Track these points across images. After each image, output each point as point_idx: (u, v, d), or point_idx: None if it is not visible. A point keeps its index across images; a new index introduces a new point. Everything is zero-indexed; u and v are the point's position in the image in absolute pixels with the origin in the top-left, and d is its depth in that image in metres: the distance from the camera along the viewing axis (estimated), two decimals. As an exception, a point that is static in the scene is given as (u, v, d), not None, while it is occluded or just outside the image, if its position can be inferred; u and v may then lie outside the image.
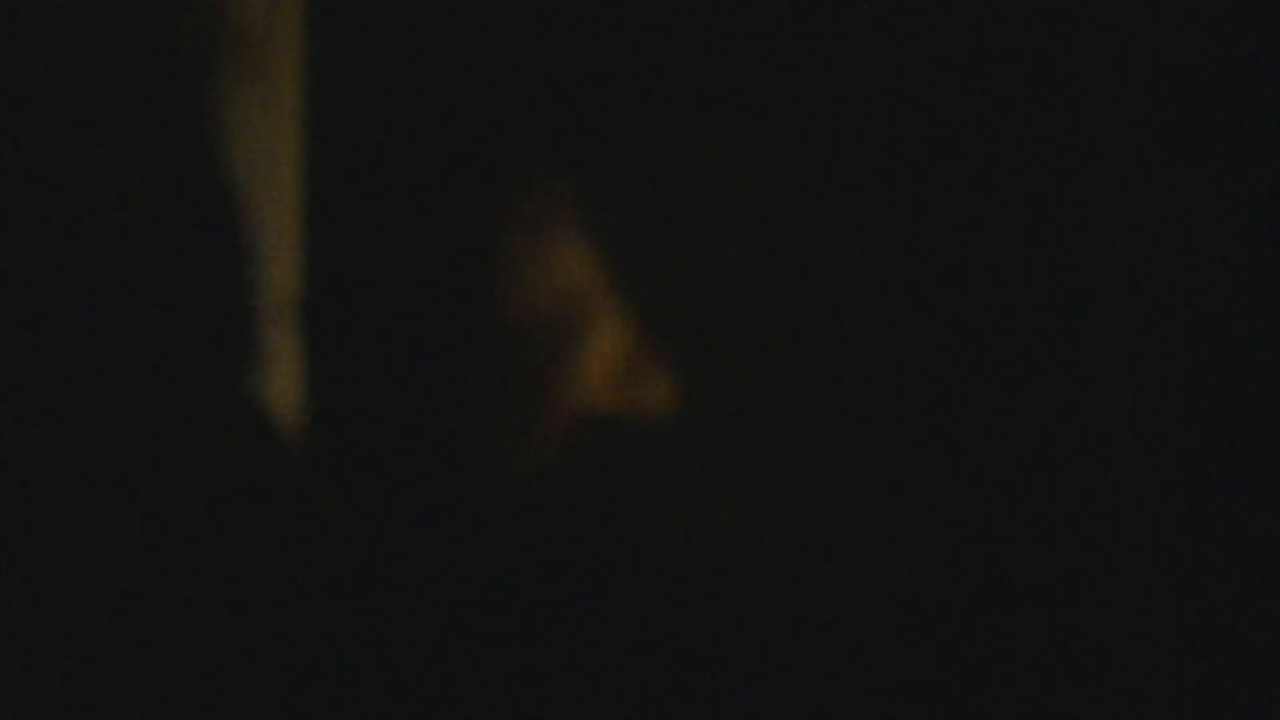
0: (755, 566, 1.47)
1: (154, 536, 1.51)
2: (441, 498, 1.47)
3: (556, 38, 1.96)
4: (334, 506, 1.53)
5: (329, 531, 1.52)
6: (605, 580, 1.44)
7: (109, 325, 1.49)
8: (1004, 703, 1.96)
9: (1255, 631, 1.87)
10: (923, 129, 1.98)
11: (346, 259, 1.55)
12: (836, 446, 1.98)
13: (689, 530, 1.45)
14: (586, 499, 1.45)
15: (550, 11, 1.97)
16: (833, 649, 1.77)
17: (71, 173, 1.46)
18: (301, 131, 1.67)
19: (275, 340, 1.63)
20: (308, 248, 1.66)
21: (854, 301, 2.01)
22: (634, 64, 2.00)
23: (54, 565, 1.46)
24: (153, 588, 1.50)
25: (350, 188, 1.63)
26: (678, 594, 1.43)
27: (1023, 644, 1.95)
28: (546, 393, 1.45)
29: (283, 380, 1.64)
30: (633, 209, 1.50)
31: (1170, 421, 1.92)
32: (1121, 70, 1.92)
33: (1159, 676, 1.93)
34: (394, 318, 1.47)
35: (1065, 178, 1.96)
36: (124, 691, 1.48)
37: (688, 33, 2.00)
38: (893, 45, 1.98)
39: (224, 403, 1.56)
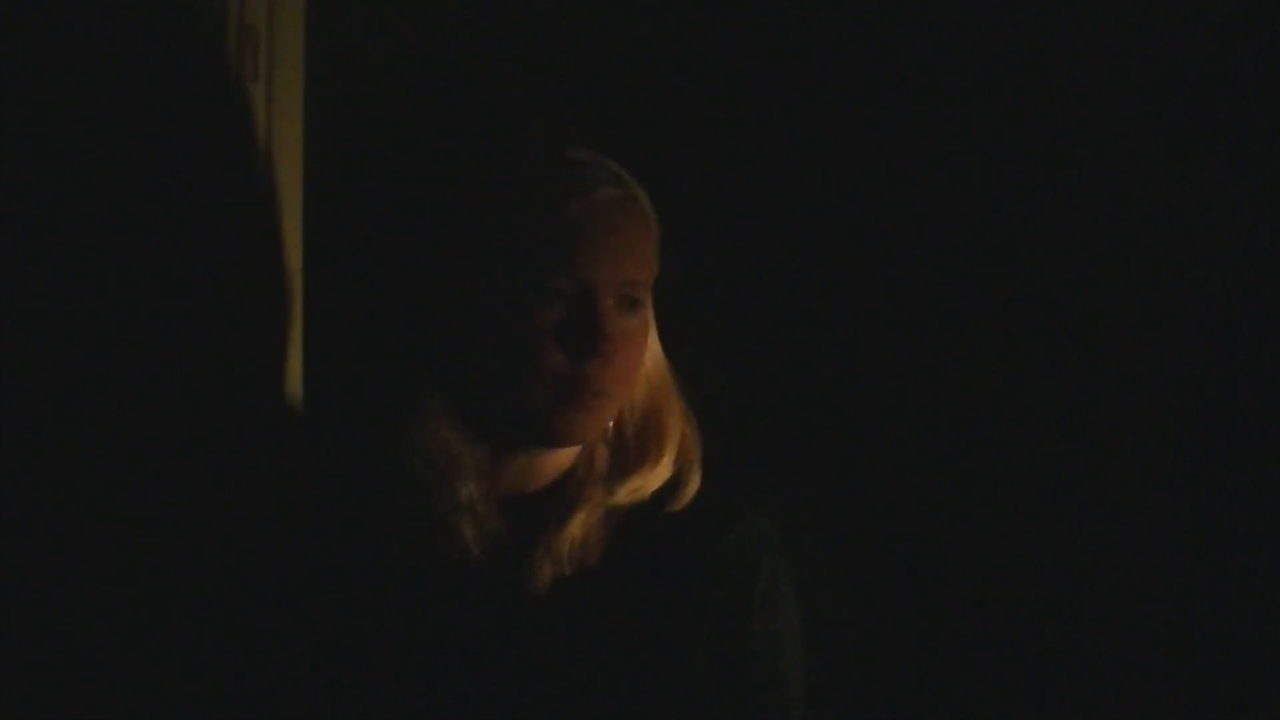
0: None
1: (151, 532, 1.51)
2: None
3: (556, 36, 1.97)
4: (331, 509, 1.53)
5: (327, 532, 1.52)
6: None
7: (107, 320, 1.49)
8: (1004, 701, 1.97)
9: (1255, 632, 1.88)
10: (922, 129, 1.98)
11: (349, 255, 1.55)
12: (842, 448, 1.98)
13: None
14: None
15: (550, 11, 1.97)
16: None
17: (74, 168, 1.46)
18: (303, 127, 1.68)
19: (276, 335, 1.63)
20: (309, 244, 1.67)
21: (852, 301, 2.01)
22: (633, 63, 2.00)
23: (56, 561, 1.46)
24: (150, 584, 1.50)
25: (351, 184, 1.63)
26: None
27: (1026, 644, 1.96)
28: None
29: (284, 377, 1.64)
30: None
31: (1170, 421, 1.92)
32: (1121, 70, 1.93)
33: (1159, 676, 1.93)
34: (394, 314, 1.46)
35: (1065, 177, 1.96)
36: (124, 690, 1.48)
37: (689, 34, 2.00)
38: (893, 46, 1.98)
39: (223, 398, 1.56)
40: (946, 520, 1.97)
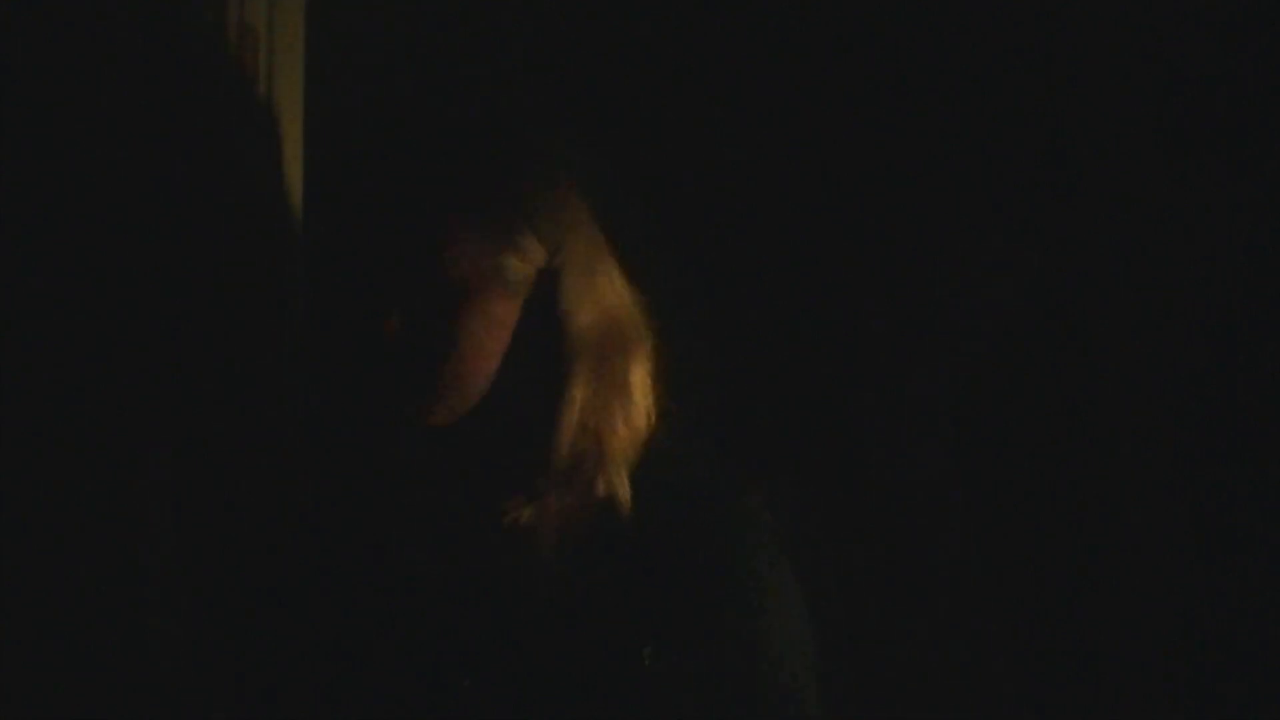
0: None
1: (152, 533, 1.51)
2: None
3: (555, 37, 1.97)
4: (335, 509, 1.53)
5: (328, 532, 1.52)
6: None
7: (107, 320, 1.49)
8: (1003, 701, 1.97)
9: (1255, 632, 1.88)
10: (922, 129, 1.98)
11: (348, 253, 1.55)
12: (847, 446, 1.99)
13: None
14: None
15: (549, 11, 1.97)
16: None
17: (74, 168, 1.46)
18: (303, 127, 1.67)
19: (277, 335, 1.63)
20: (309, 244, 1.66)
21: (850, 299, 2.01)
22: (632, 64, 2.00)
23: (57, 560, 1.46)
24: (152, 584, 1.50)
25: (351, 184, 1.63)
26: None
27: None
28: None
29: (284, 377, 1.64)
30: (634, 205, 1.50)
31: (1170, 421, 1.93)
32: (1121, 70, 1.93)
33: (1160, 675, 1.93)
34: (392, 313, 1.47)
35: (1065, 177, 1.96)
36: (125, 690, 1.48)
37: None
38: (893, 46, 1.99)
39: (223, 398, 1.56)
40: (946, 520, 1.98)
